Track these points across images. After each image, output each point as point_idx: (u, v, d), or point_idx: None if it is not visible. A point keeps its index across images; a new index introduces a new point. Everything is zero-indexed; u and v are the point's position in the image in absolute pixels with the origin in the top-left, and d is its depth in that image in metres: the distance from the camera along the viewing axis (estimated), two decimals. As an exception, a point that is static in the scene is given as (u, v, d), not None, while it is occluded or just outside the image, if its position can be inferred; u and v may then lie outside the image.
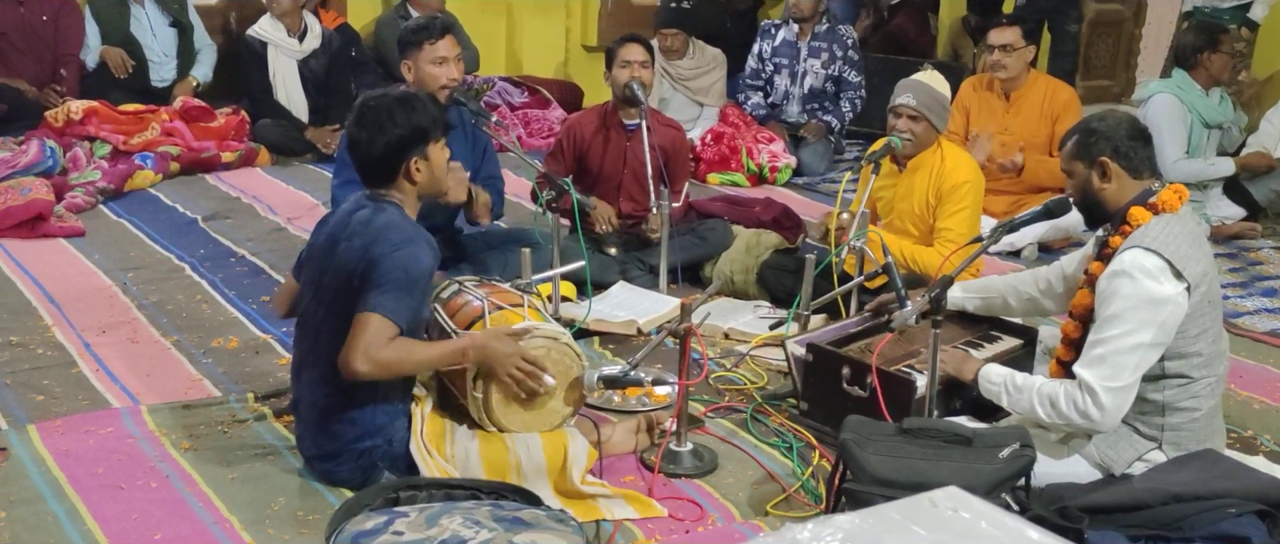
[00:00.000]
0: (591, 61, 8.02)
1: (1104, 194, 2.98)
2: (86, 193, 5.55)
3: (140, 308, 4.26)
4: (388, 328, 2.80)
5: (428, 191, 3.04)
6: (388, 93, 3.02)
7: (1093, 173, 2.97)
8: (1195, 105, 5.65)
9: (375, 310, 2.79)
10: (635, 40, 4.72)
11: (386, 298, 2.80)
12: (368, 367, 2.78)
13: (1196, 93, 5.67)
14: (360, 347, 2.77)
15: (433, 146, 2.98)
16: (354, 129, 2.97)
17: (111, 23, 6.63)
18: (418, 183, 2.98)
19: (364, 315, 2.79)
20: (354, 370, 2.78)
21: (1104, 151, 2.95)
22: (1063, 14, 7.20)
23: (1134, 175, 2.95)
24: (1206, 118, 5.70)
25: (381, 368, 2.81)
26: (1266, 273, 5.26)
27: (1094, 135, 2.97)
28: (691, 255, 4.67)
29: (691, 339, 3.11)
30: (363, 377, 2.80)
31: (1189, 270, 2.82)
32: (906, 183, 4.25)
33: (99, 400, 3.48)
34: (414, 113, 2.95)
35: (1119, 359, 2.81)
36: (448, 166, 3.08)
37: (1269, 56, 7.04)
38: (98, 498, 2.91)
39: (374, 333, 2.78)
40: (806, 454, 3.27)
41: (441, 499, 2.46)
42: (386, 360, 2.80)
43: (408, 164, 2.94)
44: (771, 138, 6.69)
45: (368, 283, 2.81)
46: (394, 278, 2.80)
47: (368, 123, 2.94)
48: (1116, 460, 2.92)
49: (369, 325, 2.78)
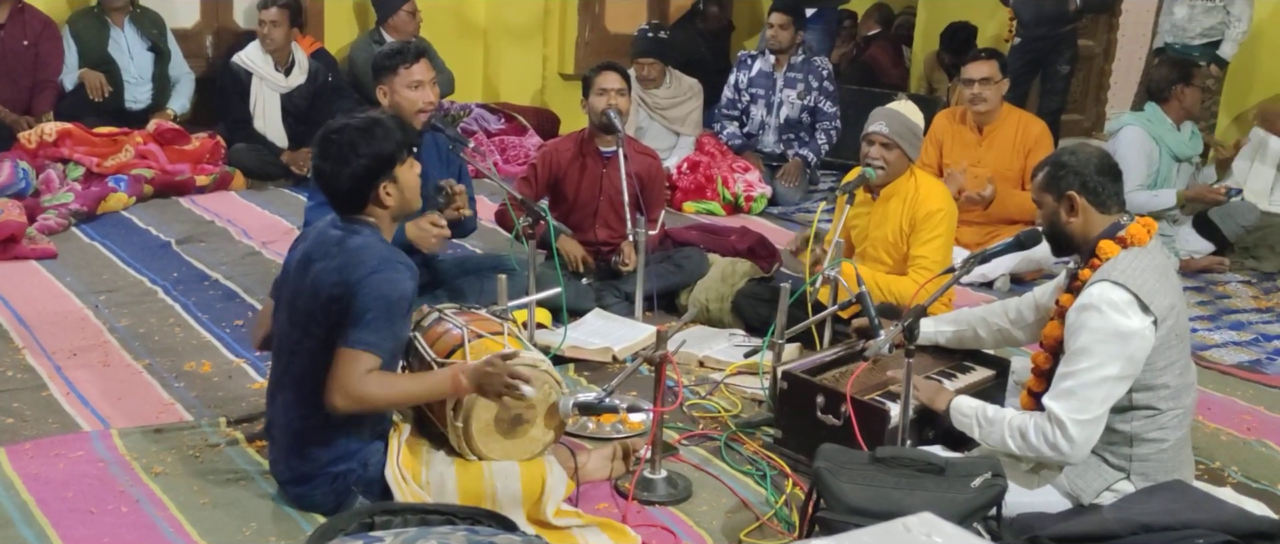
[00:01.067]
0: (568, 89, 8.05)
1: (1071, 227, 3.02)
2: (59, 215, 5.52)
3: (112, 331, 4.24)
4: (368, 361, 2.78)
5: (401, 211, 3.01)
6: (350, 121, 2.96)
7: (1060, 206, 3.02)
8: (1164, 139, 5.74)
9: (355, 346, 2.77)
10: (612, 68, 4.74)
11: (367, 332, 2.77)
12: (345, 402, 2.77)
13: (1167, 126, 5.75)
14: (338, 383, 2.76)
15: (400, 169, 2.93)
16: (319, 161, 2.94)
17: (89, 43, 6.61)
18: (389, 207, 2.95)
19: (341, 351, 2.77)
20: (334, 405, 2.78)
21: (1072, 186, 2.99)
22: (1057, 54, 7.30)
23: (1101, 210, 2.99)
24: (1176, 152, 5.78)
25: (362, 403, 2.80)
26: (1234, 307, 5.32)
27: (1063, 169, 3.02)
28: (667, 283, 4.69)
29: (666, 367, 3.12)
30: (343, 411, 2.79)
31: (1156, 304, 2.86)
32: (880, 211, 4.28)
33: (70, 424, 3.46)
34: (376, 140, 2.89)
35: (1087, 392, 2.84)
36: (418, 192, 3.04)
37: (1238, 98, 7.15)
38: (68, 522, 2.89)
39: (353, 368, 2.76)
40: (780, 482, 3.28)
41: (416, 524, 2.46)
42: (367, 396, 2.79)
43: (377, 191, 2.91)
44: (747, 167, 6.74)
45: (347, 313, 2.79)
46: (374, 307, 2.78)
47: (331, 155, 2.91)
48: (1085, 490, 2.95)
49: (348, 361, 2.76)
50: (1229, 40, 6.69)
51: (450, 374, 2.89)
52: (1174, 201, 5.75)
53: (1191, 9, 6.76)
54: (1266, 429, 3.89)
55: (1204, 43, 6.75)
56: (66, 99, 6.55)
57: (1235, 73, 6.95)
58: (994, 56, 5.64)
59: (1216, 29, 6.73)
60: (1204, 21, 6.75)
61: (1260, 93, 7.05)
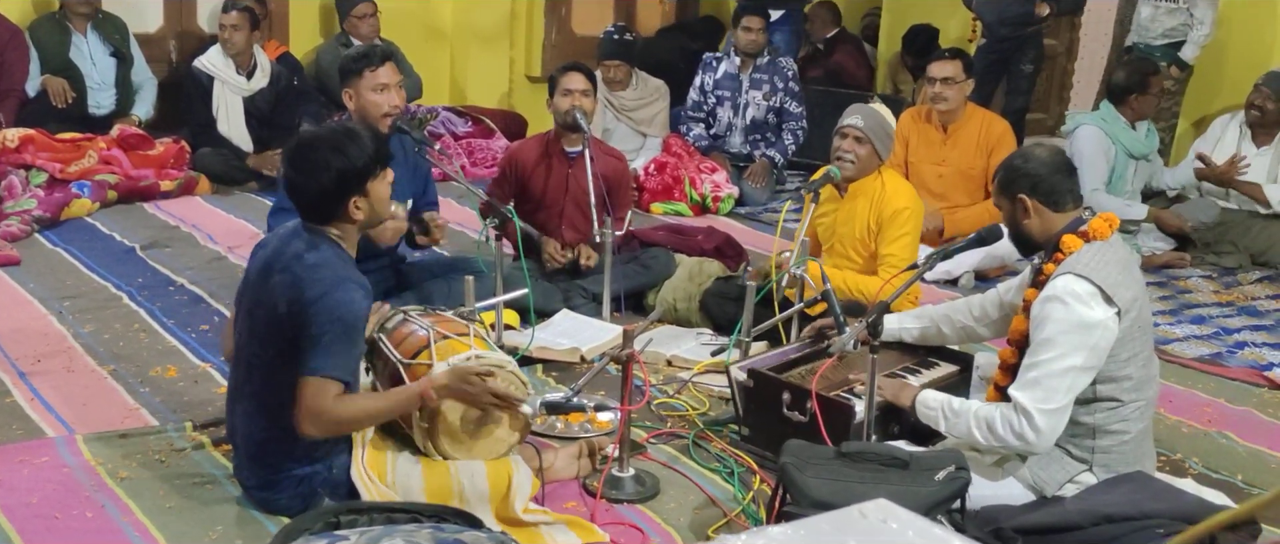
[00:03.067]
0: (535, 92, 8.05)
1: (1029, 228, 3.07)
2: (22, 221, 5.47)
3: (76, 337, 4.21)
4: (332, 387, 2.77)
5: (369, 224, 3.00)
6: (322, 132, 2.90)
7: (1015, 209, 3.06)
8: (1119, 137, 5.86)
9: (316, 373, 2.75)
10: (577, 69, 4.76)
11: (327, 357, 2.75)
12: (318, 429, 2.77)
13: (1121, 125, 5.88)
14: (306, 413, 2.75)
15: (372, 183, 2.89)
16: (289, 170, 2.90)
17: (51, 49, 6.55)
18: (357, 221, 2.92)
19: (305, 380, 2.75)
20: (307, 434, 2.77)
21: (1022, 189, 3.04)
22: (1022, 54, 7.37)
23: (1055, 208, 3.04)
24: (1131, 150, 5.89)
25: (333, 427, 2.80)
26: (1195, 301, 5.38)
27: (1013, 172, 3.07)
28: (634, 284, 4.70)
29: (633, 366, 3.13)
30: (317, 438, 2.79)
31: (1119, 296, 2.90)
32: (847, 209, 4.31)
33: (34, 430, 3.43)
34: (349, 154, 2.84)
35: (1052, 382, 2.87)
36: (388, 202, 3.01)
37: (1199, 104, 7.24)
38: (32, 528, 2.86)
39: (317, 395, 2.75)
40: (747, 479, 3.30)
41: (382, 523, 2.46)
42: (337, 419, 2.79)
43: (346, 205, 2.87)
44: (714, 168, 6.76)
45: (303, 337, 2.76)
46: (330, 330, 2.75)
47: (302, 165, 2.86)
48: (1048, 482, 2.98)
49: (313, 389, 2.75)
50: (1191, 42, 6.76)
51: (419, 389, 2.88)
52: (1145, 214, 5.85)
53: (1155, 9, 6.83)
54: (1227, 421, 3.94)
55: (1166, 43, 6.82)
56: (29, 105, 6.48)
57: (1198, 79, 7.02)
58: (957, 56, 5.70)
59: (1179, 30, 6.80)
60: (1166, 22, 6.82)
61: (1224, 100, 7.16)
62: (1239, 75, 6.95)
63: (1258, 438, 3.82)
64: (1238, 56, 7.11)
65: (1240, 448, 3.74)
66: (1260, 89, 6.01)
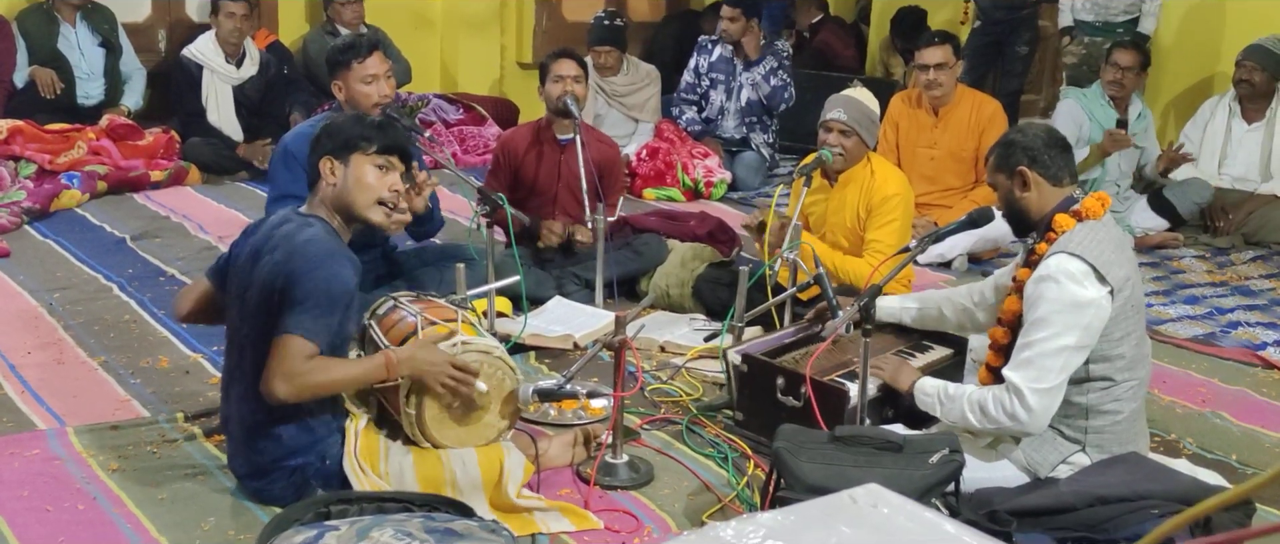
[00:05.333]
0: (526, 79, 8.02)
1: (1027, 203, 3.05)
2: (11, 213, 5.44)
3: (67, 328, 4.19)
4: (306, 348, 2.75)
5: (340, 202, 2.95)
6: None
7: (1013, 183, 3.05)
8: (1094, 113, 5.92)
9: (293, 331, 2.74)
10: (568, 55, 4.74)
11: (304, 317, 2.75)
12: (287, 389, 2.74)
13: (1100, 103, 5.96)
14: (278, 369, 2.73)
15: (357, 156, 2.93)
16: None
17: (39, 40, 6.51)
18: (332, 184, 2.93)
19: (282, 338, 2.74)
20: (273, 393, 2.74)
21: (1021, 161, 3.03)
22: (1017, 35, 7.36)
23: (1054, 183, 3.03)
24: (1106, 126, 5.92)
25: (302, 390, 2.77)
26: (1188, 281, 5.38)
27: (1012, 146, 3.06)
28: (627, 270, 4.69)
29: (626, 352, 3.12)
30: (283, 399, 2.76)
31: (1112, 275, 2.89)
32: (838, 197, 4.30)
33: (24, 422, 3.42)
34: (348, 122, 3.00)
35: (1045, 361, 2.87)
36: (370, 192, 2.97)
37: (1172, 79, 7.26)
38: (23, 520, 2.85)
39: (292, 354, 2.73)
40: (742, 464, 3.30)
41: (373, 512, 2.45)
42: (307, 382, 2.76)
43: (320, 162, 2.94)
44: (707, 153, 6.74)
45: (287, 301, 2.77)
46: (314, 296, 2.76)
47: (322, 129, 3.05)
48: (1042, 464, 2.98)
49: (287, 347, 2.74)
50: (1147, 15, 6.79)
51: (382, 358, 2.86)
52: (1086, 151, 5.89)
53: None
54: (1220, 401, 3.94)
55: (1126, 20, 6.83)
56: (17, 97, 6.45)
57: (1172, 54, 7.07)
58: (948, 41, 5.67)
59: (1136, 5, 6.82)
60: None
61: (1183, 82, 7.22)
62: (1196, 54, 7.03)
63: (1252, 418, 3.82)
64: (1190, 38, 7.19)
65: (1234, 428, 3.74)
66: (1244, 64, 6.04)
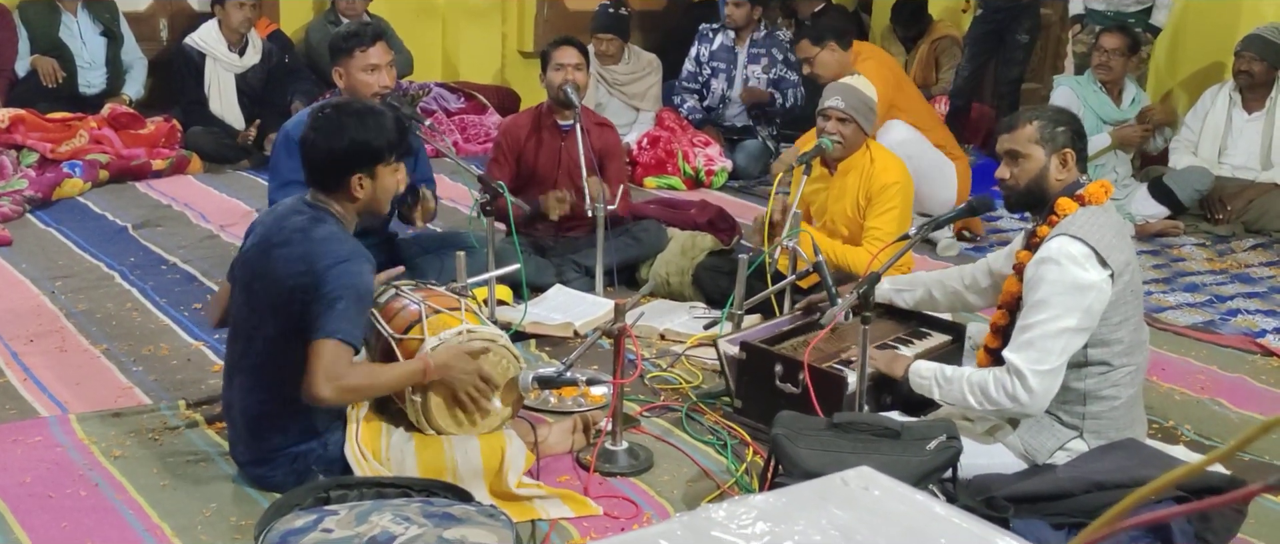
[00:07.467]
0: (528, 67, 8.01)
1: (1052, 183, 3.03)
2: (13, 202, 5.46)
3: (69, 316, 4.21)
4: (347, 352, 2.77)
5: (367, 209, 3.00)
6: (353, 101, 2.97)
7: (1052, 159, 3.03)
8: (1088, 100, 5.95)
9: (333, 336, 2.74)
10: (569, 43, 4.74)
11: (341, 320, 2.75)
12: (332, 392, 2.75)
13: (1093, 89, 6.01)
14: (323, 373, 2.73)
15: (382, 167, 2.92)
16: (309, 131, 2.93)
17: (41, 29, 6.52)
18: (358, 199, 2.93)
19: (321, 342, 2.74)
20: (318, 396, 2.75)
21: (1068, 142, 3.02)
22: (1018, 23, 7.34)
23: (1081, 168, 3.06)
24: (1100, 114, 5.96)
25: (345, 392, 2.79)
26: (1188, 269, 5.39)
27: (1059, 124, 3.03)
28: (627, 257, 4.70)
29: (626, 339, 3.13)
30: (328, 401, 2.77)
31: (1113, 258, 2.91)
32: (838, 185, 4.31)
33: (27, 410, 3.43)
34: (369, 130, 2.89)
35: (1046, 343, 2.88)
36: (391, 197, 3.02)
37: (1173, 68, 7.25)
38: (26, 507, 2.87)
39: (335, 358, 2.74)
40: (741, 451, 3.31)
41: (372, 497, 2.47)
42: (351, 385, 2.79)
43: (350, 180, 2.89)
44: (708, 141, 6.74)
45: (317, 303, 2.76)
46: (345, 296, 2.76)
47: (322, 127, 2.91)
48: (1039, 450, 2.99)
49: (329, 351, 2.74)
50: (1160, 6, 6.77)
51: (421, 363, 2.89)
52: (1108, 141, 5.92)
53: None
54: (1219, 388, 3.95)
55: (1139, 10, 6.81)
56: (19, 86, 6.46)
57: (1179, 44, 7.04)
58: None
59: None
60: None
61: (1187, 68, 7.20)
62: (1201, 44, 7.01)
63: (1250, 405, 3.83)
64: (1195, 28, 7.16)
65: (1233, 415, 3.75)
66: (1243, 54, 6.03)
